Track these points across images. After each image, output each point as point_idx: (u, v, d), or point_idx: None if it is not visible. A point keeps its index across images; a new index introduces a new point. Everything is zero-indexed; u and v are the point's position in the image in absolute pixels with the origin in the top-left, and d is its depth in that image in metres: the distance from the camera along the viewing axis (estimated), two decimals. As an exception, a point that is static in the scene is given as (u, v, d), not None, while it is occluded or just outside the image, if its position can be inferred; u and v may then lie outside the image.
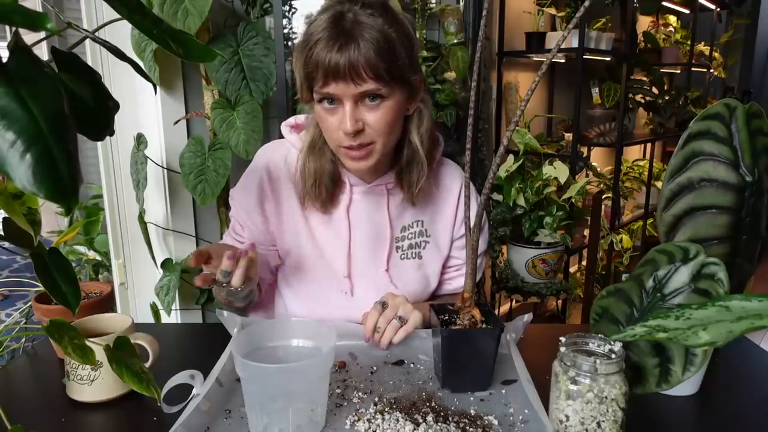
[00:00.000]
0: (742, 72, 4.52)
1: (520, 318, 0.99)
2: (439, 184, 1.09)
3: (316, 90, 0.90)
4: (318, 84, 0.89)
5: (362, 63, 0.85)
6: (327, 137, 0.96)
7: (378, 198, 1.04)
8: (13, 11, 0.39)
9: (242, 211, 1.05)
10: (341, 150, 0.94)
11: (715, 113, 0.84)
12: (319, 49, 0.86)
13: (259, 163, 1.04)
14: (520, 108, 0.75)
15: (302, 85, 0.92)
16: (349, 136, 0.90)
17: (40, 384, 0.92)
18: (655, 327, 0.51)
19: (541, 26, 2.61)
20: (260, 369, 0.70)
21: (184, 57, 0.54)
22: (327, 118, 0.92)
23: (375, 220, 1.04)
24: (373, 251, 1.06)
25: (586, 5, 0.68)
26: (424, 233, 1.08)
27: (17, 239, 0.63)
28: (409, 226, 1.07)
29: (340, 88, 0.87)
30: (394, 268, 1.07)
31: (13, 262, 2.16)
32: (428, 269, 1.10)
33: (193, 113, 1.79)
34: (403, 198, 1.05)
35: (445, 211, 1.10)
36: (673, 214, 0.86)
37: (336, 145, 0.94)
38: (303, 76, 0.90)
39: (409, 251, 1.08)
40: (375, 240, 1.05)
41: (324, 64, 0.86)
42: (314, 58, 0.87)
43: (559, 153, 2.49)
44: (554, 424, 0.73)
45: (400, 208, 1.06)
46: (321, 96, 0.90)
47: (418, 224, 1.08)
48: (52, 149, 0.40)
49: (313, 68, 0.88)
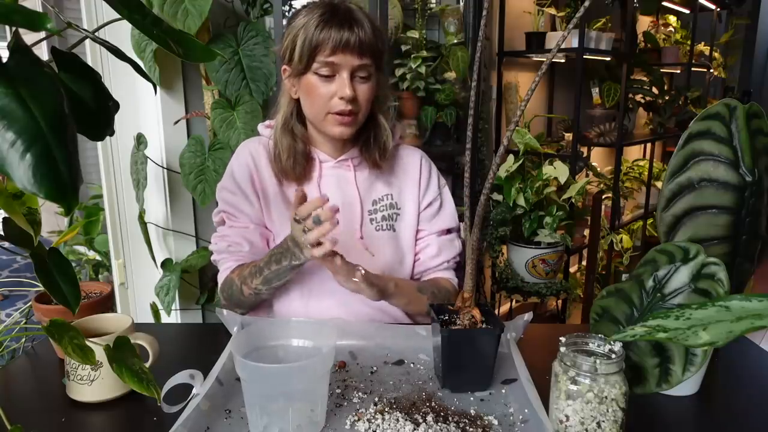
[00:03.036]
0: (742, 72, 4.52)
1: (520, 317, 0.99)
2: (401, 163, 1.20)
3: (319, 60, 0.99)
4: (324, 53, 0.99)
5: (366, 41, 1.00)
6: (314, 105, 1.04)
7: (345, 173, 1.13)
8: (13, 11, 0.39)
9: (238, 197, 1.11)
10: (329, 116, 1.04)
11: (715, 113, 0.84)
12: (328, 26, 0.98)
13: (242, 153, 1.14)
14: (520, 108, 0.75)
15: (302, 56, 1.00)
16: (344, 101, 1.01)
17: (40, 384, 0.92)
18: (655, 327, 0.51)
19: (541, 26, 2.61)
20: (260, 369, 0.70)
21: (184, 57, 0.54)
22: (320, 87, 1.02)
23: (345, 192, 1.13)
24: (347, 222, 1.12)
25: (586, 5, 0.68)
26: (394, 206, 1.17)
27: (17, 239, 0.63)
28: (380, 200, 1.16)
29: (345, 59, 0.99)
30: (368, 239, 1.12)
31: (13, 262, 2.16)
32: (402, 241, 1.17)
33: (193, 113, 1.79)
34: (370, 172, 1.15)
35: (409, 185, 1.18)
36: (673, 214, 0.86)
37: (324, 111, 1.03)
38: (308, 46, 0.99)
39: (383, 223, 1.15)
40: (347, 212, 1.12)
41: (336, 38, 0.98)
42: (324, 32, 0.98)
43: (559, 153, 2.49)
44: (554, 424, 0.73)
45: (367, 182, 1.15)
46: (322, 65, 1.00)
47: (388, 197, 1.16)
48: (52, 149, 0.40)
49: (322, 40, 0.98)
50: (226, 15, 1.78)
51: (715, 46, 4.06)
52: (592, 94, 2.94)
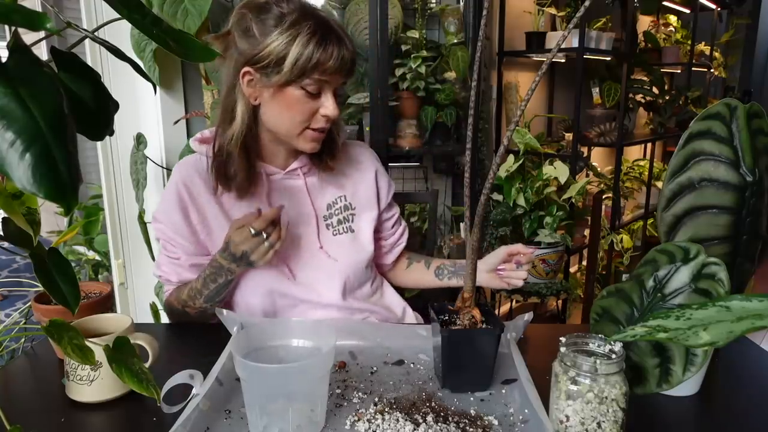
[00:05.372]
0: (742, 72, 4.52)
1: (520, 317, 0.99)
2: (352, 160, 1.18)
3: (312, 77, 0.95)
4: (320, 72, 0.95)
5: (353, 59, 0.99)
6: (291, 119, 0.99)
7: (295, 182, 1.11)
8: (12, 11, 0.39)
9: (170, 230, 1.06)
10: (306, 131, 1.01)
11: (716, 113, 0.84)
12: (328, 45, 0.94)
13: (175, 180, 1.07)
14: (520, 108, 0.75)
15: (293, 69, 0.94)
16: (325, 119, 1.00)
17: (40, 384, 0.92)
18: (656, 327, 0.51)
19: (541, 26, 2.61)
20: (260, 369, 0.70)
21: (184, 57, 0.53)
22: (303, 102, 0.98)
23: (297, 202, 1.10)
24: (303, 233, 1.10)
25: (587, 5, 0.68)
26: (349, 207, 1.15)
27: (17, 239, 0.63)
28: (333, 203, 1.14)
29: (335, 78, 0.98)
30: (328, 245, 1.11)
31: (13, 262, 2.16)
32: (361, 237, 1.16)
33: (193, 113, 1.79)
34: (320, 177, 1.13)
35: (364, 181, 1.18)
36: (673, 213, 0.86)
37: (302, 127, 1.01)
38: (306, 62, 0.94)
39: (340, 227, 1.14)
40: (302, 223, 1.10)
41: (337, 57, 0.95)
42: (324, 51, 0.94)
43: (559, 153, 2.49)
44: (554, 425, 0.73)
45: (319, 188, 1.13)
46: (314, 82, 0.96)
47: (341, 199, 1.15)
48: (52, 149, 0.40)
49: (324, 59, 0.94)
50: (226, 15, 1.78)
51: (715, 45, 4.06)
52: (592, 93, 2.93)
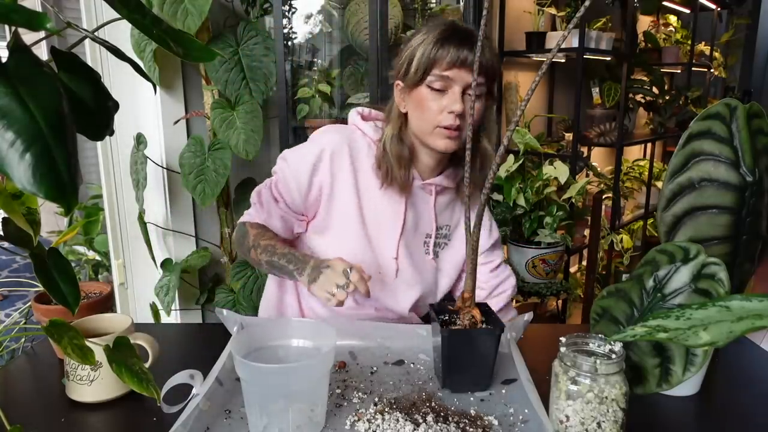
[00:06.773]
0: (742, 72, 4.52)
1: (520, 317, 0.99)
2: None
3: (434, 73, 1.00)
4: (441, 67, 1.00)
5: (482, 60, 0.97)
6: (423, 118, 1.04)
7: (427, 196, 1.14)
8: (12, 11, 0.39)
9: (289, 174, 1.09)
10: (437, 130, 1.03)
11: (716, 113, 0.84)
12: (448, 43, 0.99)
13: (323, 143, 1.09)
14: (520, 108, 0.75)
15: (418, 69, 1.01)
16: (453, 115, 1.01)
17: (40, 384, 0.92)
18: (656, 327, 0.51)
19: (541, 26, 2.61)
20: (260, 369, 0.70)
21: (184, 57, 0.53)
22: (430, 100, 1.02)
23: (422, 213, 1.15)
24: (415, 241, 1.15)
25: (587, 5, 0.68)
26: (448, 236, 1.20)
27: (17, 239, 0.63)
28: (441, 228, 1.18)
29: (460, 75, 1.00)
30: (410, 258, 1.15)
31: (13, 262, 2.16)
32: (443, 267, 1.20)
33: (193, 113, 1.79)
34: (449, 199, 1.16)
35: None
36: (673, 213, 0.86)
37: (433, 125, 1.03)
38: (426, 60, 1.00)
39: (432, 249, 1.18)
40: (417, 232, 1.15)
41: (454, 53, 0.99)
42: (443, 48, 0.99)
43: (559, 153, 2.49)
44: (554, 424, 0.73)
45: (441, 209, 1.16)
46: (437, 78, 1.00)
47: (446, 228, 1.19)
48: (52, 149, 0.40)
49: (441, 55, 0.99)
50: (225, 15, 1.78)
51: (715, 45, 4.06)
52: (592, 93, 2.93)
